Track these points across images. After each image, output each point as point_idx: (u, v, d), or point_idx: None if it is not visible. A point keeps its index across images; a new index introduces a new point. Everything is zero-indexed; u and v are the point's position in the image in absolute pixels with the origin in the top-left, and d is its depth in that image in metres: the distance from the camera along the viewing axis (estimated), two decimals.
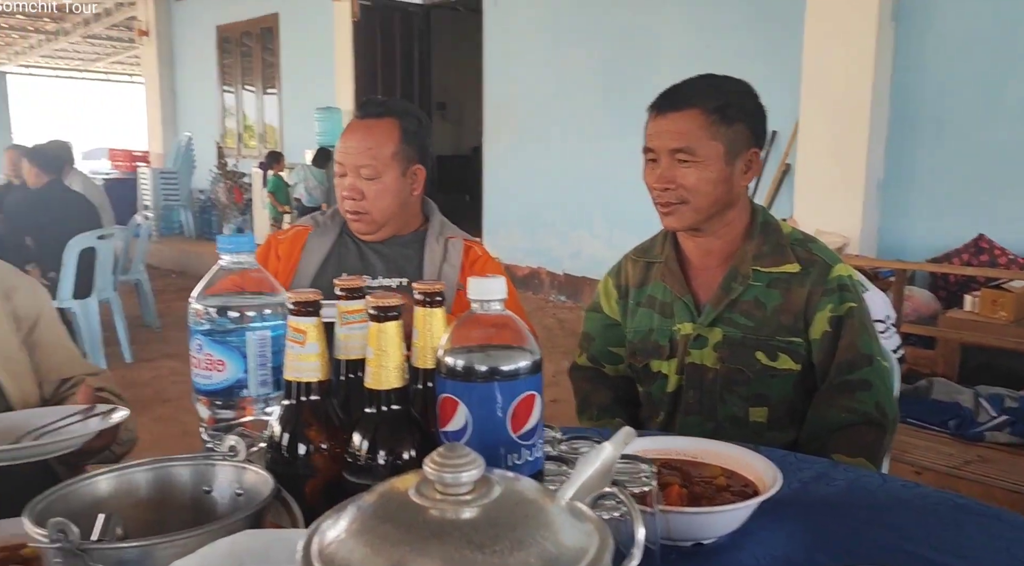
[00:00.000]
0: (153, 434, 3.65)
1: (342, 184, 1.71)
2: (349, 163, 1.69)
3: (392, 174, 1.70)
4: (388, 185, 1.69)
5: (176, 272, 8.64)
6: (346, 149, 1.70)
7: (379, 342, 0.80)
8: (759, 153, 1.48)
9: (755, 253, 1.47)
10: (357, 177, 1.68)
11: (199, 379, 0.90)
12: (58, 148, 5.39)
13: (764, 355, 1.43)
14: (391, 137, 1.69)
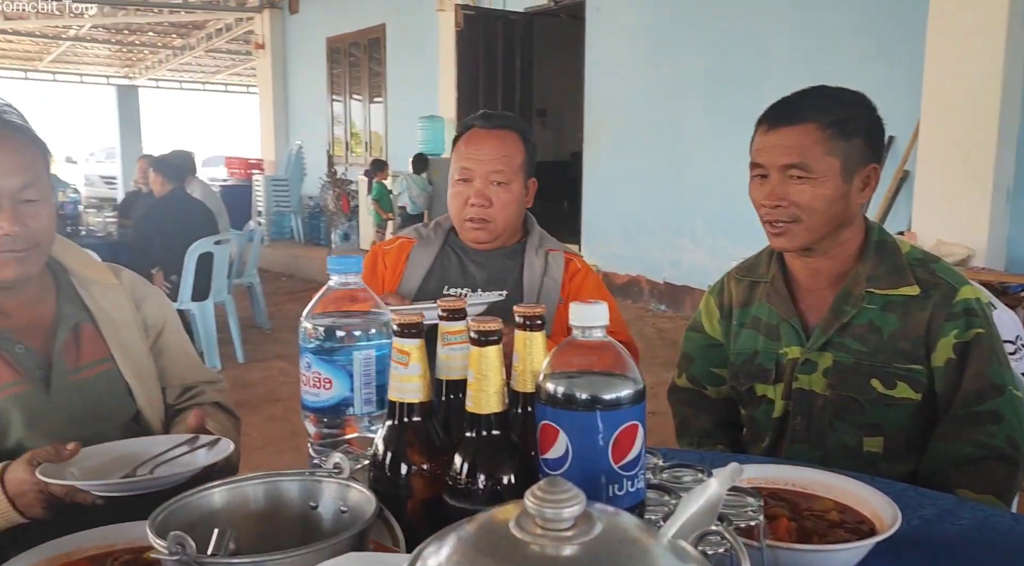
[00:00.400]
0: (264, 434, 3.81)
1: (465, 191, 1.70)
2: (480, 170, 1.69)
3: (518, 183, 1.73)
4: (515, 194, 1.72)
5: (286, 275, 9.01)
6: (477, 156, 1.70)
7: (480, 366, 0.80)
8: (878, 169, 1.41)
9: (869, 274, 1.39)
10: (487, 184, 1.69)
11: (308, 396, 0.93)
12: (181, 158, 5.72)
13: (880, 383, 1.36)
14: (519, 148, 1.73)
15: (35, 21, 11.87)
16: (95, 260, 1.43)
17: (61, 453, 1.09)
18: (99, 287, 1.38)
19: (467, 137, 1.75)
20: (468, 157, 1.71)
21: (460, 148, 1.75)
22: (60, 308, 1.33)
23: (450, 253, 1.80)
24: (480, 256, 1.78)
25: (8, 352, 1.26)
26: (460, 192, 1.72)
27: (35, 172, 1.24)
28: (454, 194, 1.74)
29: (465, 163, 1.71)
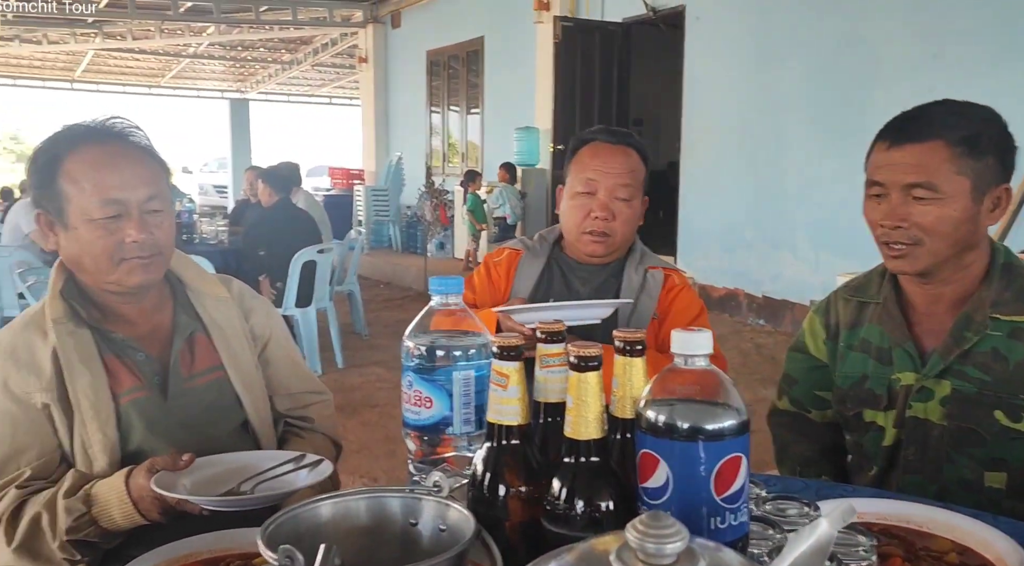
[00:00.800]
0: (360, 438, 3.91)
1: (588, 203, 1.70)
2: (606, 183, 1.69)
3: (639, 200, 1.73)
4: (636, 210, 1.73)
5: (384, 283, 9.24)
6: (604, 168, 1.70)
7: (579, 392, 0.80)
8: (1010, 190, 1.32)
9: (995, 299, 1.31)
10: (611, 198, 1.69)
11: (409, 414, 0.95)
12: (288, 170, 5.97)
13: (1004, 415, 1.27)
14: (641, 165, 1.74)
15: (159, 40, 12.63)
16: (208, 273, 1.50)
17: (176, 463, 1.16)
18: (211, 299, 1.45)
19: (591, 149, 1.74)
20: (594, 169, 1.70)
21: (583, 160, 1.73)
22: (176, 318, 1.41)
23: (554, 267, 1.81)
24: (584, 271, 1.78)
25: (131, 359, 1.35)
26: (582, 204, 1.70)
27: (158, 186, 1.33)
28: (575, 206, 1.72)
29: (591, 174, 1.70)
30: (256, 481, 1.16)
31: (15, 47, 12.84)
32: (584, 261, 1.78)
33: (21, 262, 4.81)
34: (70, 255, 1.32)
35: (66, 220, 1.28)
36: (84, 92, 18.58)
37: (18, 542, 1.19)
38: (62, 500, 1.18)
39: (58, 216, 1.29)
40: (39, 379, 1.27)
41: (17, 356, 1.29)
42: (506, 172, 8.05)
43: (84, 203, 1.26)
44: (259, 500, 1.11)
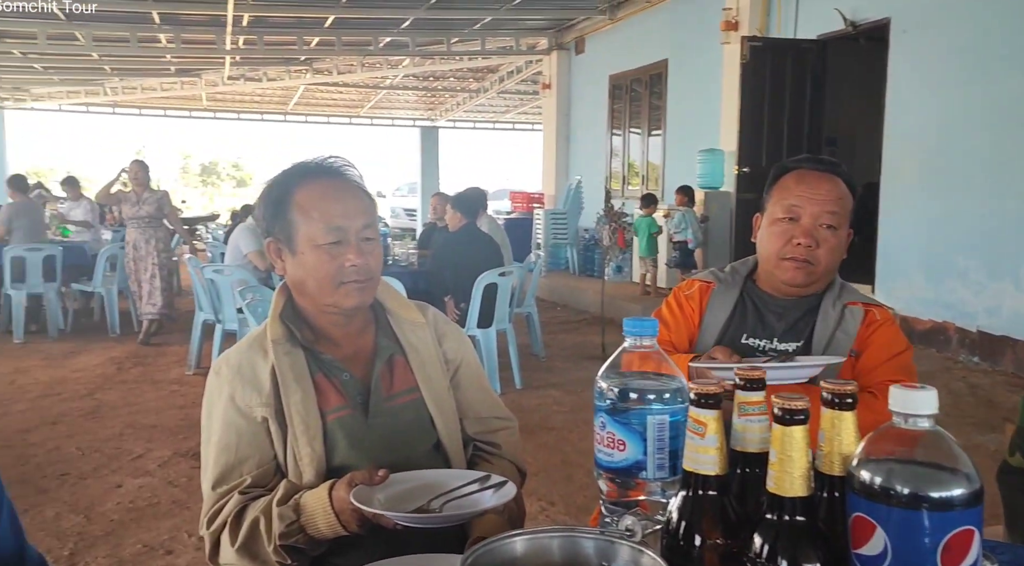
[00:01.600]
0: (538, 460, 3.95)
1: (790, 229, 1.64)
2: (812, 209, 1.63)
3: (844, 230, 1.66)
4: (841, 240, 1.66)
5: (560, 305, 9.32)
6: (811, 194, 1.64)
7: (783, 446, 0.76)
8: None
9: None
10: (816, 225, 1.63)
11: (601, 455, 0.95)
12: (475, 195, 6.19)
13: None
14: (848, 194, 1.67)
15: (360, 74, 13.61)
16: (407, 300, 1.59)
17: (373, 478, 1.23)
18: (409, 324, 1.54)
19: (796, 176, 1.68)
20: (800, 195, 1.64)
21: (787, 186, 1.68)
22: (378, 341, 1.50)
23: (747, 301, 1.74)
24: (778, 306, 1.71)
25: (337, 379, 1.45)
26: (784, 230, 1.65)
27: (371, 216, 1.46)
28: (776, 232, 1.66)
29: (794, 200, 1.64)
30: (444, 499, 1.21)
31: (240, 85, 14.32)
32: (780, 294, 1.70)
33: (240, 281, 5.32)
34: (296, 278, 1.45)
35: (294, 247, 1.43)
36: (295, 123, 20.35)
37: (240, 543, 1.31)
38: (276, 507, 1.29)
39: (287, 243, 1.44)
40: (260, 394, 1.40)
41: (243, 373, 1.42)
42: (684, 196, 7.89)
43: (311, 230, 1.40)
44: (447, 519, 1.16)
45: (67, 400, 5.21)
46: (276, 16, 9.91)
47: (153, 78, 14.40)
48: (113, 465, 3.97)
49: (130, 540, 3.09)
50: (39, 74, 13.56)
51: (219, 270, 5.66)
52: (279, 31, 10.61)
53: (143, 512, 3.38)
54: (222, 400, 1.41)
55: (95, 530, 3.19)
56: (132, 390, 5.46)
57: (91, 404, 5.10)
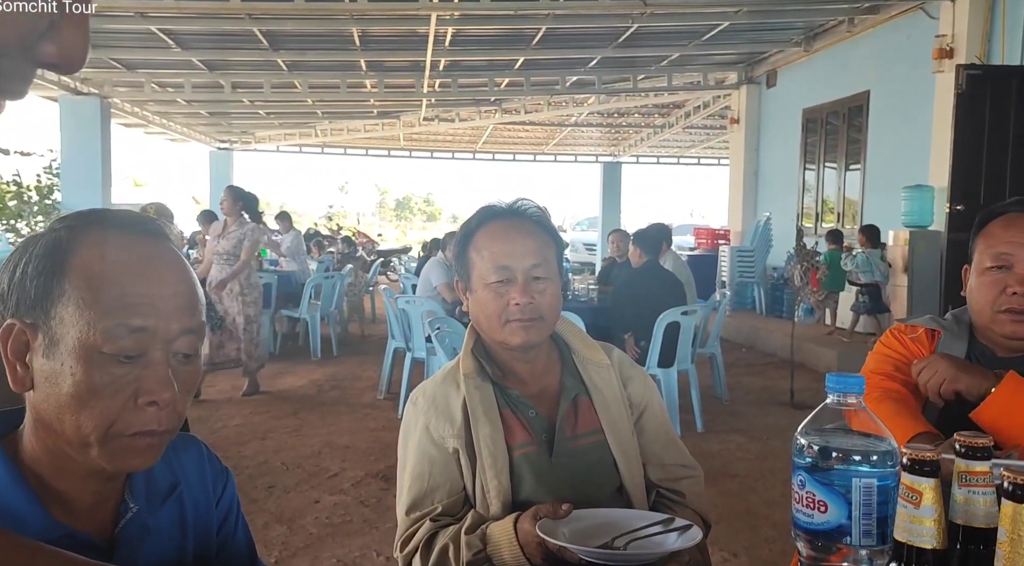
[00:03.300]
0: (718, 508, 3.80)
1: (1001, 279, 1.53)
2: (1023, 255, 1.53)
3: None
4: None
5: (745, 347, 8.96)
6: (1020, 239, 1.53)
7: (1015, 526, 0.69)
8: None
9: None
10: None
11: (800, 516, 0.90)
12: (657, 232, 6.14)
13: None
14: None
15: (546, 113, 13.98)
16: (592, 340, 1.61)
17: (557, 511, 1.25)
18: (594, 365, 1.55)
19: (1004, 221, 1.56)
20: (1008, 242, 1.53)
21: (994, 233, 1.56)
22: (563, 380, 1.52)
23: (974, 357, 1.59)
24: (1005, 365, 1.53)
25: (524, 416, 1.48)
26: (996, 280, 1.53)
27: (544, 256, 1.49)
28: (986, 283, 1.55)
29: (1004, 248, 1.53)
30: (629, 538, 1.21)
31: (434, 125, 15.17)
32: (1006, 351, 1.54)
33: (429, 311, 5.59)
34: (473, 315, 1.53)
35: (471, 285, 1.51)
36: (483, 161, 21.20)
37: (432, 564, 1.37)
38: (464, 536, 1.34)
39: (467, 281, 1.52)
40: (452, 426, 1.46)
41: (437, 405, 1.50)
42: (865, 236, 7.54)
43: (483, 269, 1.47)
44: (632, 558, 1.15)
45: (275, 417, 5.69)
46: (469, 59, 10.42)
47: (358, 120, 15.59)
48: (313, 481, 4.27)
49: (326, 554, 3.31)
50: (263, 119, 15.11)
51: (410, 301, 5.98)
52: (472, 73, 11.14)
53: (337, 528, 3.61)
54: (418, 430, 1.49)
55: (297, 541, 3.44)
56: (329, 411, 5.86)
57: (295, 423, 5.53)
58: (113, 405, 0.82)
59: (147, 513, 0.94)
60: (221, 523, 1.07)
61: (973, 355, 1.59)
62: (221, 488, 1.07)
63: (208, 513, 1.04)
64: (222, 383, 6.72)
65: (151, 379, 0.83)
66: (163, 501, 0.97)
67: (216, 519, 1.06)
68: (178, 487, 1.00)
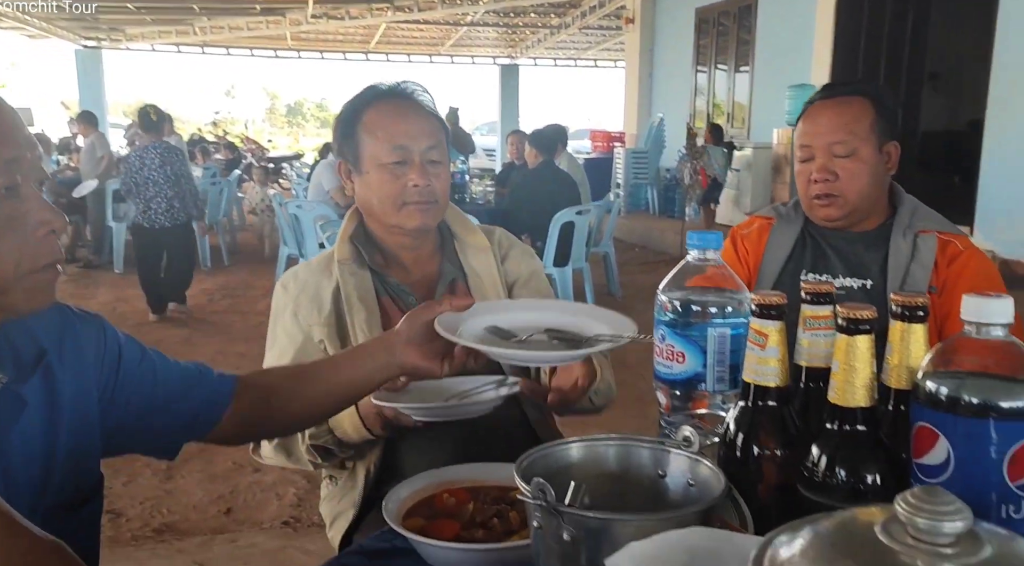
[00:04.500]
0: None
1: (808, 169, 1.62)
2: (819, 144, 1.60)
3: (868, 149, 1.58)
4: (865, 163, 1.58)
5: (639, 246, 9.22)
6: (814, 130, 1.61)
7: (847, 357, 0.75)
8: None
9: None
10: (829, 157, 1.58)
11: (660, 368, 0.95)
12: (553, 132, 6.12)
13: None
14: (866, 111, 1.59)
15: (441, 11, 13.50)
16: (473, 225, 1.59)
17: (394, 385, 1.26)
18: (473, 249, 1.55)
19: (807, 115, 1.66)
20: (807, 133, 1.63)
21: (801, 128, 1.66)
22: (442, 266, 1.52)
23: (808, 236, 1.69)
24: (839, 240, 1.65)
25: (404, 303, 1.48)
26: (802, 171, 1.63)
27: (438, 139, 1.46)
28: (798, 173, 1.66)
29: (803, 140, 1.63)
30: (460, 397, 1.25)
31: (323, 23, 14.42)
32: (839, 230, 1.65)
33: (321, 216, 5.45)
34: (362, 199, 1.48)
35: (360, 166, 1.45)
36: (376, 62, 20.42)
37: (277, 441, 1.38)
38: None
39: (355, 163, 1.46)
40: (319, 314, 1.44)
41: (307, 290, 1.47)
42: (711, 134, 8.34)
43: (376, 149, 1.42)
44: (462, 411, 1.19)
45: (164, 327, 5.51)
46: None
47: (240, 17, 14.63)
48: None
49: (220, 457, 3.28)
50: (133, 14, 13.96)
51: (301, 205, 5.81)
52: None
53: None
54: (285, 314, 1.47)
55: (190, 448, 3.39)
56: (222, 320, 5.72)
57: (186, 332, 5.37)
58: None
59: (19, 383, 0.89)
60: (116, 367, 1.00)
61: (806, 233, 1.68)
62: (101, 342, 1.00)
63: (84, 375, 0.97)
64: (104, 295, 6.43)
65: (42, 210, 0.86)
66: (32, 371, 0.92)
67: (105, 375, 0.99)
68: (45, 355, 0.94)
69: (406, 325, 1.10)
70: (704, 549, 0.66)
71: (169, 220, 5.56)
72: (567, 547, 0.74)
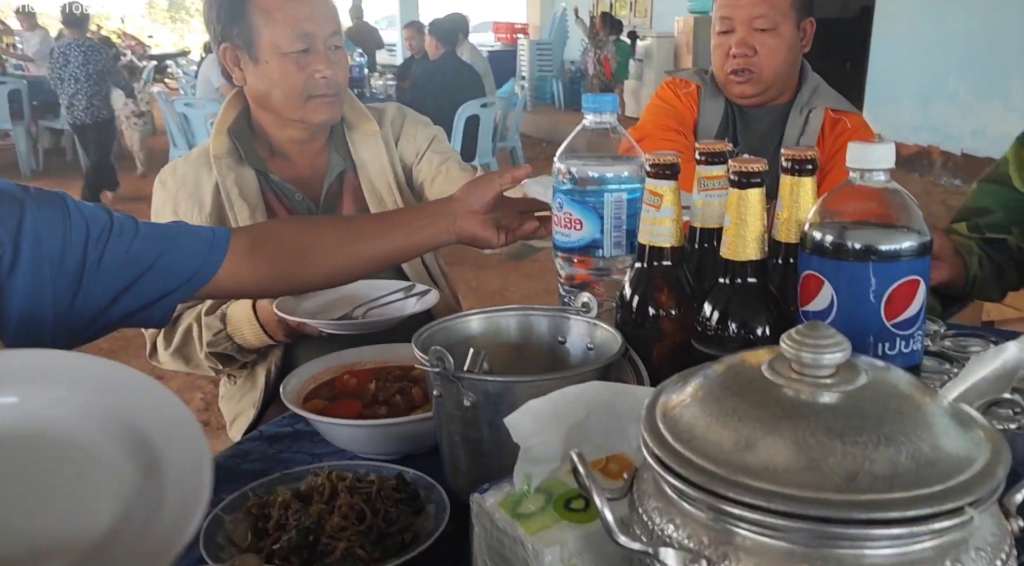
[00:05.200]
0: (521, 290, 4.02)
1: (726, 42, 1.59)
2: (740, 16, 1.56)
3: (788, 26, 1.57)
4: (785, 39, 1.57)
5: (546, 141, 9.15)
6: (738, 2, 1.57)
7: (738, 210, 0.75)
8: None
9: None
10: (749, 31, 1.56)
11: (559, 236, 0.94)
12: (453, 22, 5.89)
13: None
14: None
15: None
16: (363, 108, 1.47)
17: None
18: (362, 136, 1.45)
19: None
20: (728, 4, 1.58)
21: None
22: (331, 158, 1.44)
23: (729, 111, 1.68)
24: (749, 116, 1.66)
25: (289, 200, 1.41)
26: (721, 43, 1.60)
27: (338, 22, 1.36)
28: (715, 46, 1.62)
29: (725, 11, 1.59)
30: (367, 307, 1.23)
31: None
32: (749, 105, 1.65)
33: (212, 114, 5.15)
34: (258, 90, 1.35)
35: (256, 54, 1.31)
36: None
37: (174, 347, 1.33)
38: (204, 317, 1.29)
39: (247, 49, 1.31)
40: (201, 211, 1.36)
41: (187, 186, 1.38)
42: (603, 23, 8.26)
43: (276, 35, 1.28)
44: (370, 325, 1.17)
45: None
46: None
47: None
48: None
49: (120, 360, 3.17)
50: None
51: (190, 103, 5.48)
52: None
53: (131, 342, 3.45)
54: (166, 212, 1.38)
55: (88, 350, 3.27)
56: None
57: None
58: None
59: None
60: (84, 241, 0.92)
61: (730, 109, 1.67)
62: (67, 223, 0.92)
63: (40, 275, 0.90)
64: None
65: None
66: None
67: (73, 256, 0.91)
68: None
69: (466, 192, 1.07)
70: (601, 402, 0.67)
71: (90, 117, 5.79)
72: (468, 413, 0.74)
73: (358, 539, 0.69)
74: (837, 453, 0.46)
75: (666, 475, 0.51)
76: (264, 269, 1.02)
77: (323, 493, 0.75)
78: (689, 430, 0.52)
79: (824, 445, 0.47)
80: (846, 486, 0.45)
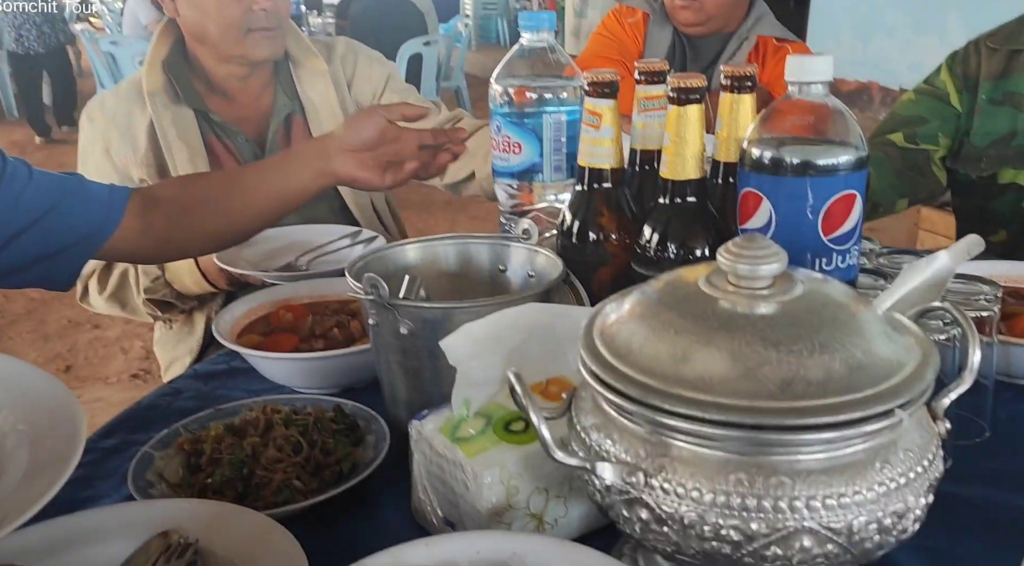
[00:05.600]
0: (459, 225, 3.99)
1: None
2: None
3: None
4: None
5: None
6: None
7: (678, 128, 0.73)
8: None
9: None
10: None
11: (497, 161, 0.91)
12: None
13: None
14: None
15: None
16: (309, 43, 1.40)
17: None
18: (310, 74, 1.38)
19: None
20: None
21: None
22: (276, 99, 1.37)
23: (678, 40, 1.66)
24: (696, 45, 1.65)
25: (231, 141, 1.34)
26: None
27: None
28: None
29: None
30: (312, 256, 1.19)
31: None
32: (697, 34, 1.63)
33: (140, 52, 4.92)
34: (193, 23, 1.28)
35: None
36: None
37: (109, 292, 1.28)
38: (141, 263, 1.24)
39: None
40: (135, 152, 1.29)
41: (118, 123, 1.30)
42: None
43: None
44: (314, 276, 1.13)
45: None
46: None
47: None
48: None
49: (54, 316, 3.08)
50: None
51: (117, 42, 5.22)
52: None
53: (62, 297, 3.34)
54: (96, 152, 1.31)
55: (16, 308, 3.16)
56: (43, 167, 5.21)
57: None
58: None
59: None
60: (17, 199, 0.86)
61: (677, 38, 1.65)
62: None
63: None
64: None
65: None
66: None
67: None
68: None
69: (343, 128, 0.97)
70: (541, 325, 0.66)
71: (42, 46, 5.70)
72: (405, 341, 0.72)
73: (294, 471, 0.68)
74: (772, 362, 0.46)
75: (603, 390, 0.50)
76: (158, 232, 0.94)
77: (258, 426, 0.73)
78: (626, 346, 0.51)
79: (759, 354, 0.46)
80: (780, 393, 0.45)
